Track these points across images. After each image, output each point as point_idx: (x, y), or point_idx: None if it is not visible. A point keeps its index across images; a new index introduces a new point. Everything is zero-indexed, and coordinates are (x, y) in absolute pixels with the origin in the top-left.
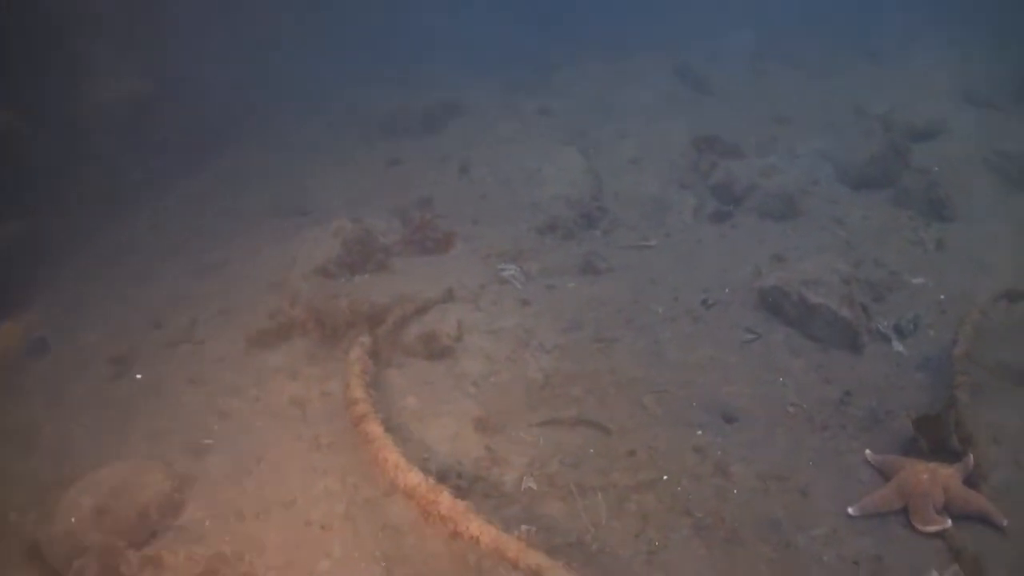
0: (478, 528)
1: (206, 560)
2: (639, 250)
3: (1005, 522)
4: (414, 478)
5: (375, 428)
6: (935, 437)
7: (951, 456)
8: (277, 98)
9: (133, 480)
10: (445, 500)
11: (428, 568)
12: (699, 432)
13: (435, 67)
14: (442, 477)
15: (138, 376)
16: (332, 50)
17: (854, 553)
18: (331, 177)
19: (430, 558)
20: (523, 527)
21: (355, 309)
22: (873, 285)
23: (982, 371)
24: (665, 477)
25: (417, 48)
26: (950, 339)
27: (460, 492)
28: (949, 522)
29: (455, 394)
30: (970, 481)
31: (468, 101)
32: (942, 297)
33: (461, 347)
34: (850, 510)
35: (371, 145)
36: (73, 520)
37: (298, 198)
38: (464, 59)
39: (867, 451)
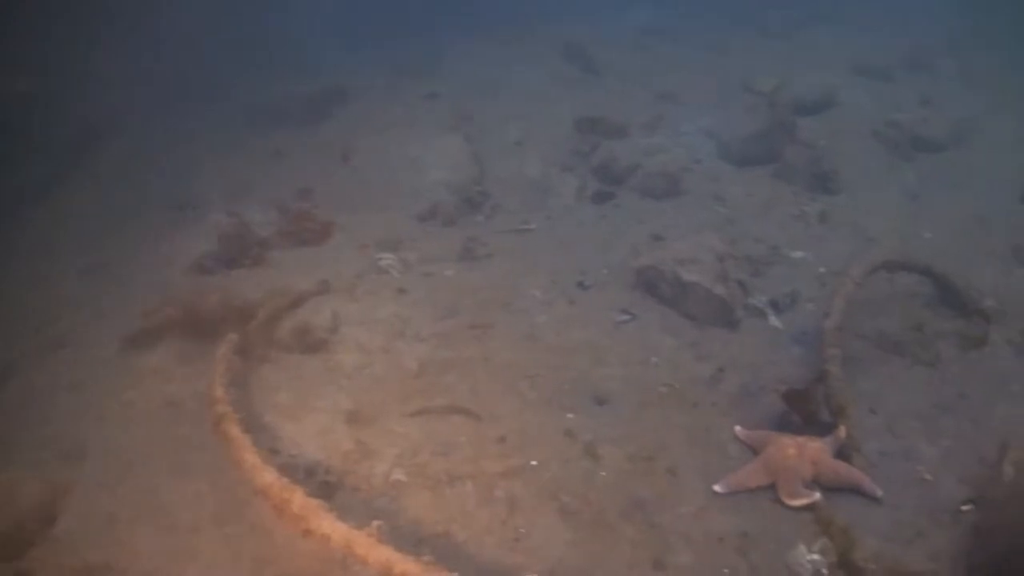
0: (329, 526)
1: (73, 573)
2: (519, 234)
3: (879, 492)
4: (267, 477)
5: (232, 429)
6: (805, 410)
7: (824, 429)
8: (167, 92)
9: (8, 492)
10: (298, 499)
11: (295, 567)
12: (570, 415)
13: (326, 52)
14: (311, 473)
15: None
16: (228, 40)
17: (720, 530)
18: (212, 170)
19: (297, 557)
20: (374, 522)
21: (227, 305)
22: (752, 261)
23: (862, 341)
24: (534, 462)
25: (307, 32)
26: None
27: (329, 487)
28: (817, 495)
29: (328, 388)
30: (843, 453)
31: (355, 86)
32: (822, 270)
33: (336, 339)
34: (716, 487)
35: (255, 135)
36: None
37: (179, 192)
38: (352, 43)
39: (736, 427)
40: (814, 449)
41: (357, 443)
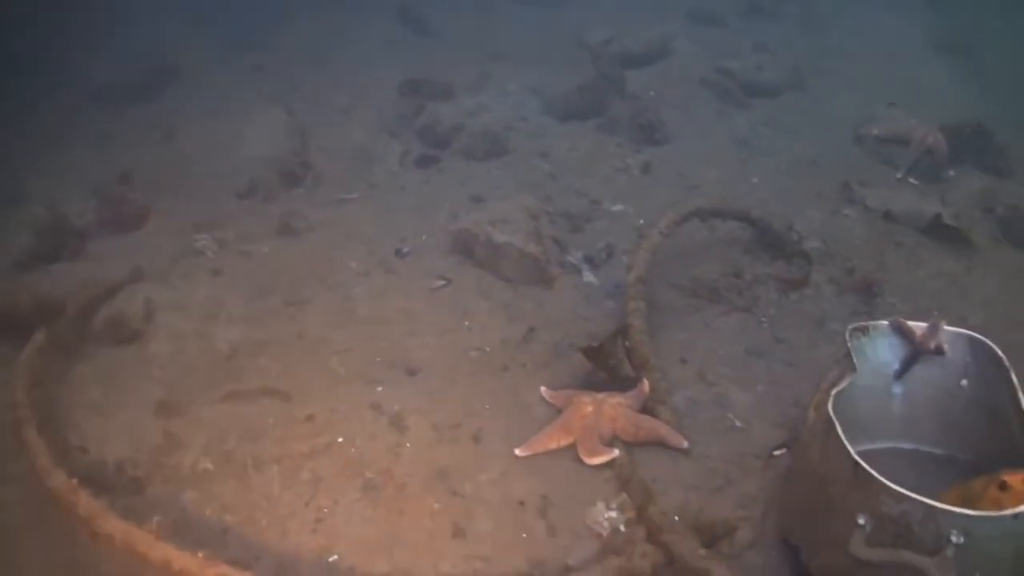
0: (112, 526)
1: None
2: (340, 205)
3: (685, 444)
4: (55, 480)
5: (29, 433)
6: (606, 366)
7: (630, 384)
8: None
9: None
10: (83, 501)
11: (109, 571)
12: (379, 388)
13: (159, 27)
14: (120, 470)
15: None
16: (54, 15)
17: (520, 494)
18: (33, 156)
19: (108, 562)
20: (155, 519)
21: (39, 304)
22: (572, 217)
23: (676, 291)
24: (340, 439)
25: (140, 7)
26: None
27: (138, 483)
28: (615, 452)
29: (140, 379)
30: (647, 407)
31: (187, 62)
32: (641, 222)
33: (150, 328)
34: (517, 451)
35: (81, 117)
36: None
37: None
38: (187, 17)
39: (542, 388)
40: (613, 405)
41: (166, 434)
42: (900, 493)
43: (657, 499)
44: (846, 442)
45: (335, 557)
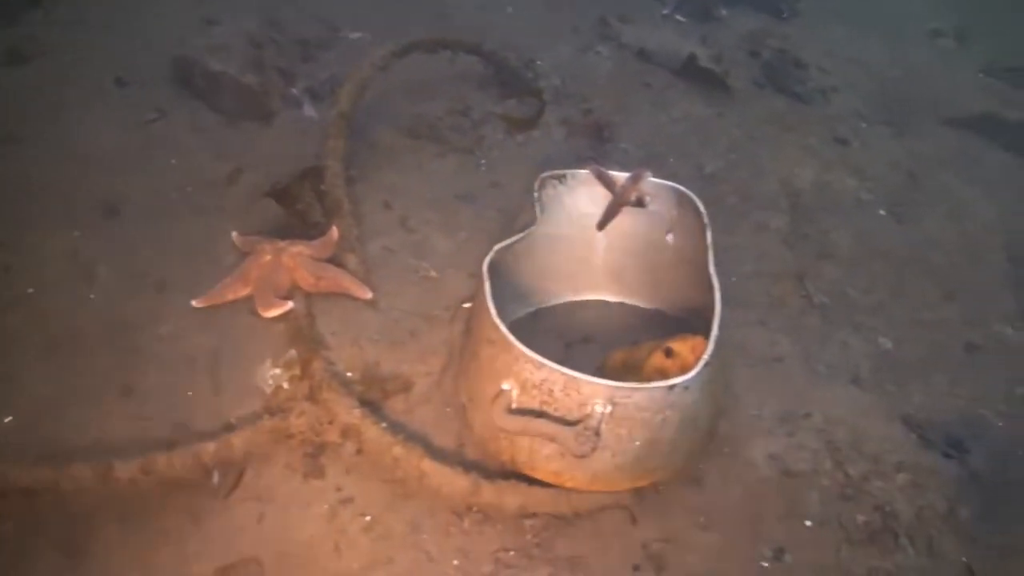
0: None
1: None
2: (70, 27)
3: (369, 295)
4: None
5: None
6: (294, 209)
7: (321, 230)
8: None
9: None
10: None
11: None
12: (76, 233)
13: None
14: None
15: None
16: None
17: (193, 349)
18: None
19: None
20: None
21: None
22: (305, 44)
23: (394, 129)
24: (31, 290)
25: None
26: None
27: None
28: (290, 304)
29: None
30: (337, 256)
31: None
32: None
33: None
34: (193, 302)
35: None
36: None
37: None
38: None
39: (234, 233)
40: (293, 254)
41: None
42: (538, 361)
43: (324, 354)
44: (491, 303)
45: (9, 419)
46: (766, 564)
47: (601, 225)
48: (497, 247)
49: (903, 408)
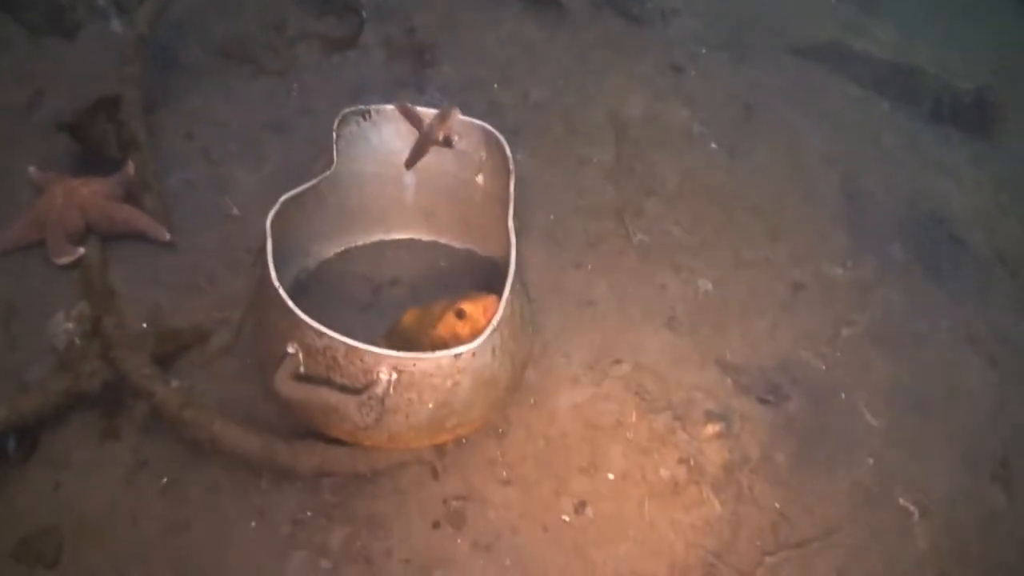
0: None
1: None
2: None
3: (167, 237)
4: None
5: None
6: (89, 143)
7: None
8: None
9: None
10: None
11: None
12: None
13: None
14: None
15: None
16: None
17: None
18: None
19: None
20: None
21: None
22: None
23: (201, 48)
24: None
25: None
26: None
27: None
28: (81, 251)
29: None
30: (133, 193)
31: None
32: None
33: None
34: None
35: None
36: None
37: None
38: None
39: (31, 168)
40: (85, 194)
41: None
42: (319, 329)
43: (118, 305)
44: (271, 264)
45: None
46: (567, 518)
47: (409, 164)
48: (283, 198)
49: (718, 352)
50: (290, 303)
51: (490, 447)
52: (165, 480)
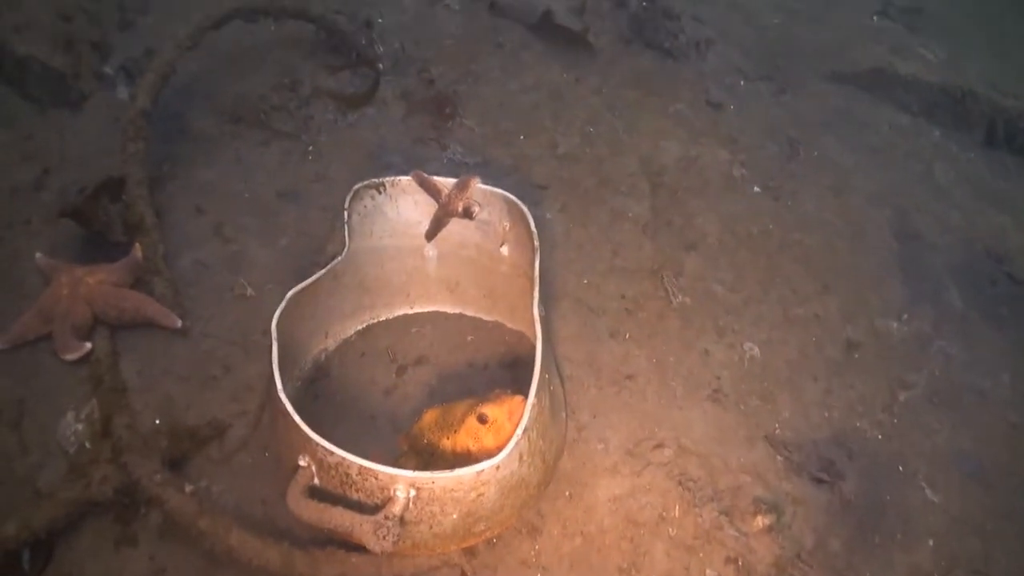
0: None
1: None
2: None
3: (178, 323)
4: None
5: None
6: (93, 228)
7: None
8: None
9: None
10: None
11: None
12: None
13: None
14: None
15: None
16: None
17: None
18: None
19: None
20: None
21: None
22: (124, 9)
23: (213, 114)
24: None
25: None
26: None
27: None
28: (88, 346)
29: None
30: (143, 279)
31: None
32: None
33: None
34: None
35: None
36: None
37: None
38: None
39: (38, 255)
40: (92, 284)
41: None
42: (327, 448)
43: (129, 401)
44: (278, 376)
45: None
46: None
47: (429, 236)
48: (289, 294)
49: (768, 426)
50: (297, 419)
51: (523, 546)
52: None
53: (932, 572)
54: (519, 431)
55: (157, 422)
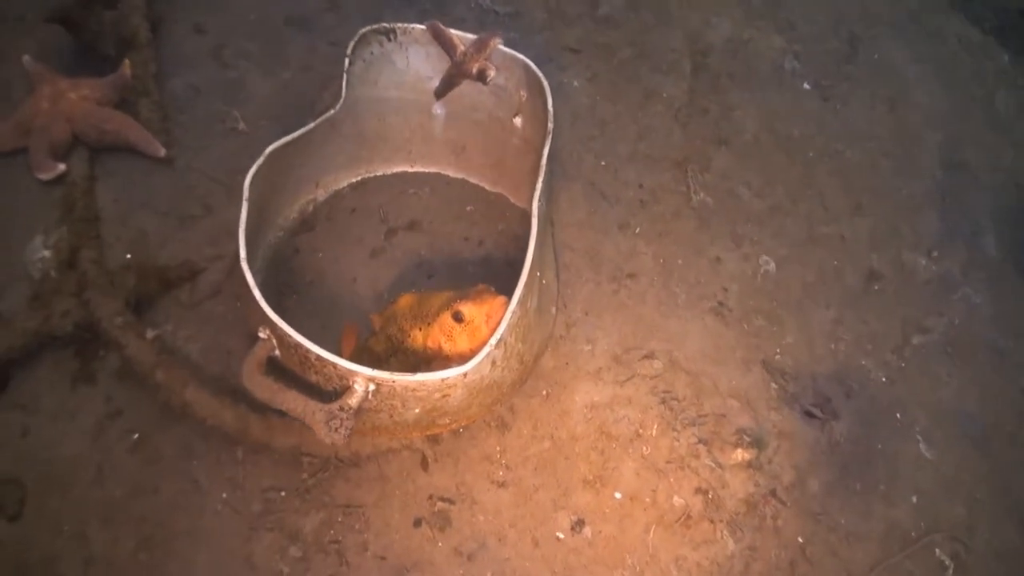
0: None
1: None
2: None
3: (162, 152)
4: None
5: None
6: (83, 38)
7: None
8: None
9: None
10: None
11: None
12: None
13: None
14: None
15: None
16: None
17: None
18: None
19: None
20: None
21: None
22: None
23: None
24: None
25: None
26: None
27: None
28: (62, 167)
29: None
30: (129, 99)
31: None
32: None
33: None
34: None
35: None
36: None
37: None
38: None
39: (25, 57)
40: (73, 100)
41: None
42: (284, 331)
43: (100, 232)
44: (243, 242)
45: None
46: (561, 535)
47: (439, 94)
48: (269, 149)
49: (768, 350)
50: (257, 295)
51: (489, 440)
52: (136, 436)
53: (910, 531)
54: (493, 340)
55: (128, 257)
